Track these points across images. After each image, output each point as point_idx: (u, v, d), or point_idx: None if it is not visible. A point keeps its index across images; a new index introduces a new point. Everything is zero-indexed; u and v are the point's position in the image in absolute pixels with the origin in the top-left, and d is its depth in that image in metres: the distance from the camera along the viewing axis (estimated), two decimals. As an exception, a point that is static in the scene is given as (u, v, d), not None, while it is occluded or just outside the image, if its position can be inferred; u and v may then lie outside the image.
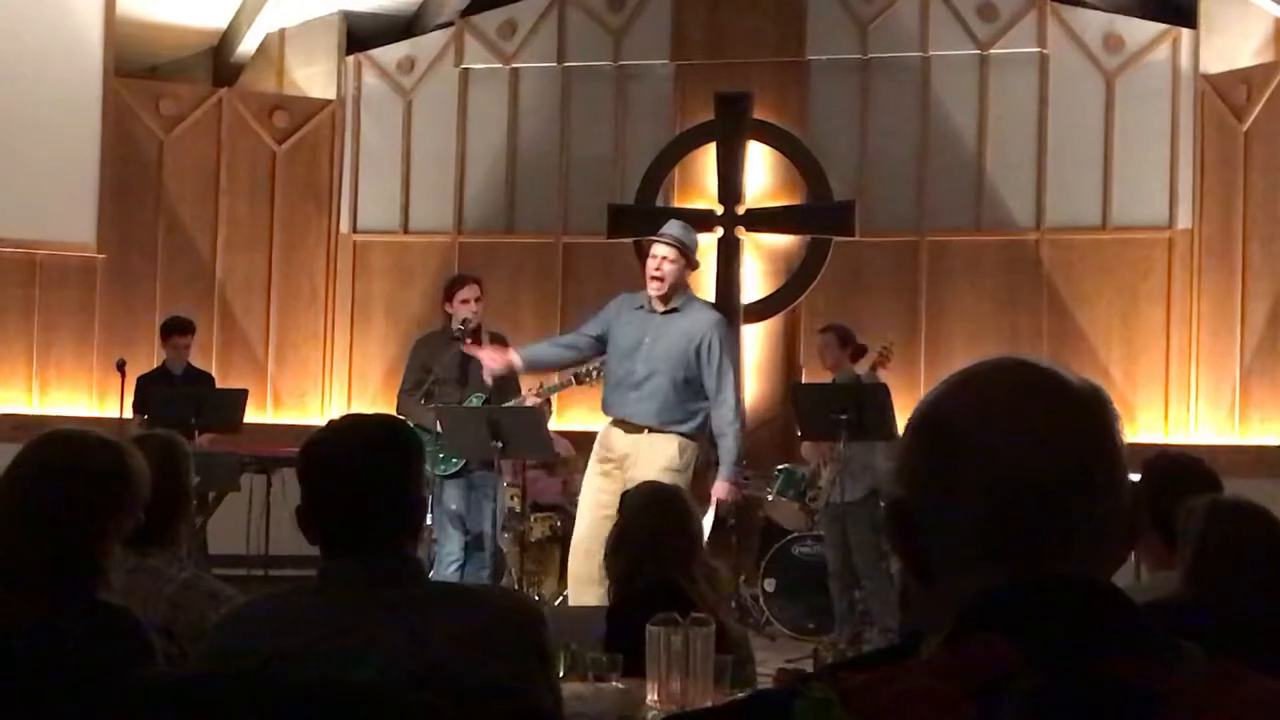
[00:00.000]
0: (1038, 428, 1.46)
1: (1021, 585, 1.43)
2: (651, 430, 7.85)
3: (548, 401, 9.48)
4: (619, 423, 7.98)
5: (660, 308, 7.94)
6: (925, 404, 1.54)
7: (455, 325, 9.33)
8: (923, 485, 1.50)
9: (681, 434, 7.87)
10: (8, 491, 3.14)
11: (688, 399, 7.88)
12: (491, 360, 8.50)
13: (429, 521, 7.62)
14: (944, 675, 1.39)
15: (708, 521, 8.04)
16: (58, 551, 3.06)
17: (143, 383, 10.94)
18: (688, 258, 7.97)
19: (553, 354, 8.50)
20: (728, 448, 7.91)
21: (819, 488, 10.10)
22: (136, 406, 10.76)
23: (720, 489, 7.98)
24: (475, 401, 9.31)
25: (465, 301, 9.35)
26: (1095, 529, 1.47)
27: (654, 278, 7.93)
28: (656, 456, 7.80)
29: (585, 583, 7.64)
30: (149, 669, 2.99)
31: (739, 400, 7.99)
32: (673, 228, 8.09)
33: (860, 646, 8.96)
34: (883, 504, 9.55)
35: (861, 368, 10.06)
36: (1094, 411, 1.49)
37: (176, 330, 11.17)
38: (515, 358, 8.44)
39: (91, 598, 3.07)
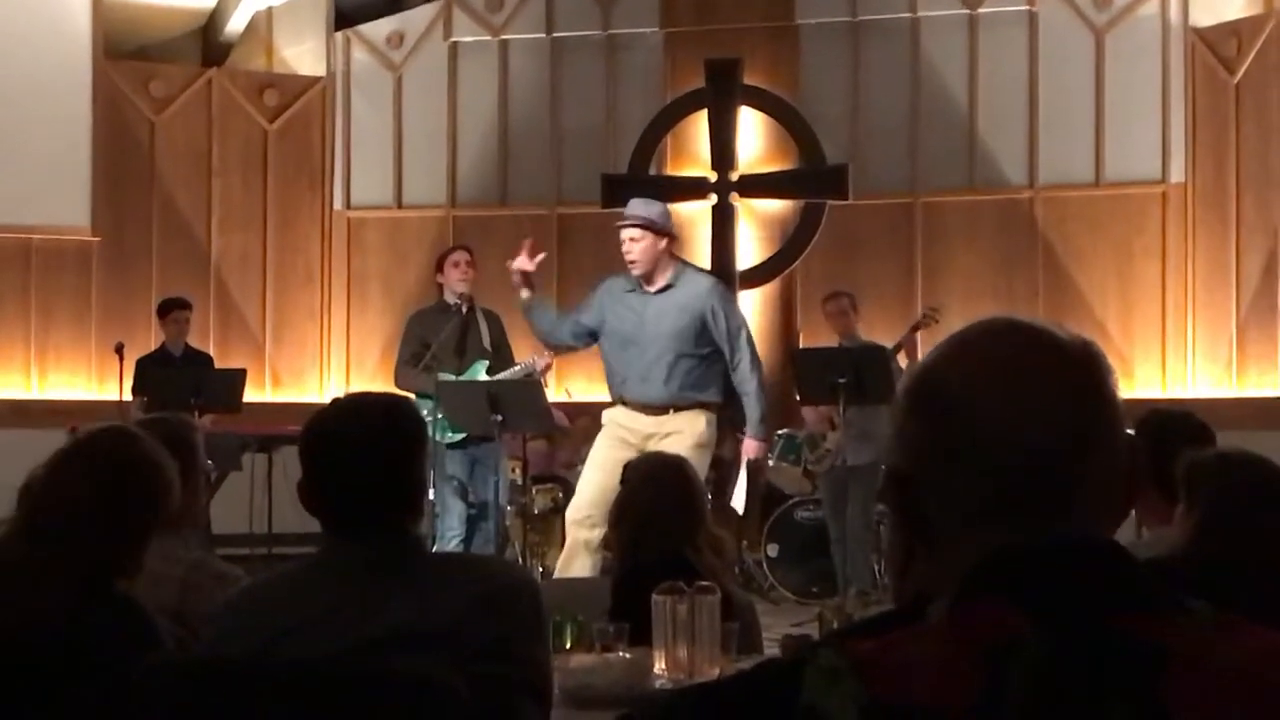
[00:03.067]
0: (1032, 389, 1.46)
1: (1025, 547, 1.43)
2: (676, 409, 7.80)
3: (543, 373, 9.50)
4: (639, 407, 7.88)
5: (652, 287, 7.89)
6: (918, 370, 1.54)
7: (449, 297, 9.37)
8: (920, 453, 1.50)
9: (704, 407, 7.85)
10: (52, 486, 3.13)
11: (701, 370, 7.86)
12: (522, 264, 8.34)
13: (430, 496, 7.65)
14: (952, 640, 1.39)
15: (742, 482, 8.12)
16: (99, 551, 3.06)
17: (142, 365, 10.96)
18: (656, 231, 7.86)
19: (553, 327, 8.44)
20: (751, 406, 7.91)
21: (825, 451, 10.11)
22: (136, 388, 10.77)
23: (750, 448, 8.03)
24: (479, 369, 9.36)
25: (456, 265, 9.37)
26: (1095, 487, 1.47)
27: (630, 262, 7.88)
28: (685, 435, 7.72)
29: (582, 549, 7.63)
30: (155, 653, 3.00)
31: (755, 359, 7.95)
32: (634, 206, 8.01)
33: (867, 611, 8.96)
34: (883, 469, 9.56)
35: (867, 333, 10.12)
36: (1088, 369, 1.49)
37: (177, 305, 11.20)
38: (525, 292, 8.30)
39: (107, 589, 3.08)
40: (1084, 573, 1.43)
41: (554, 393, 10.44)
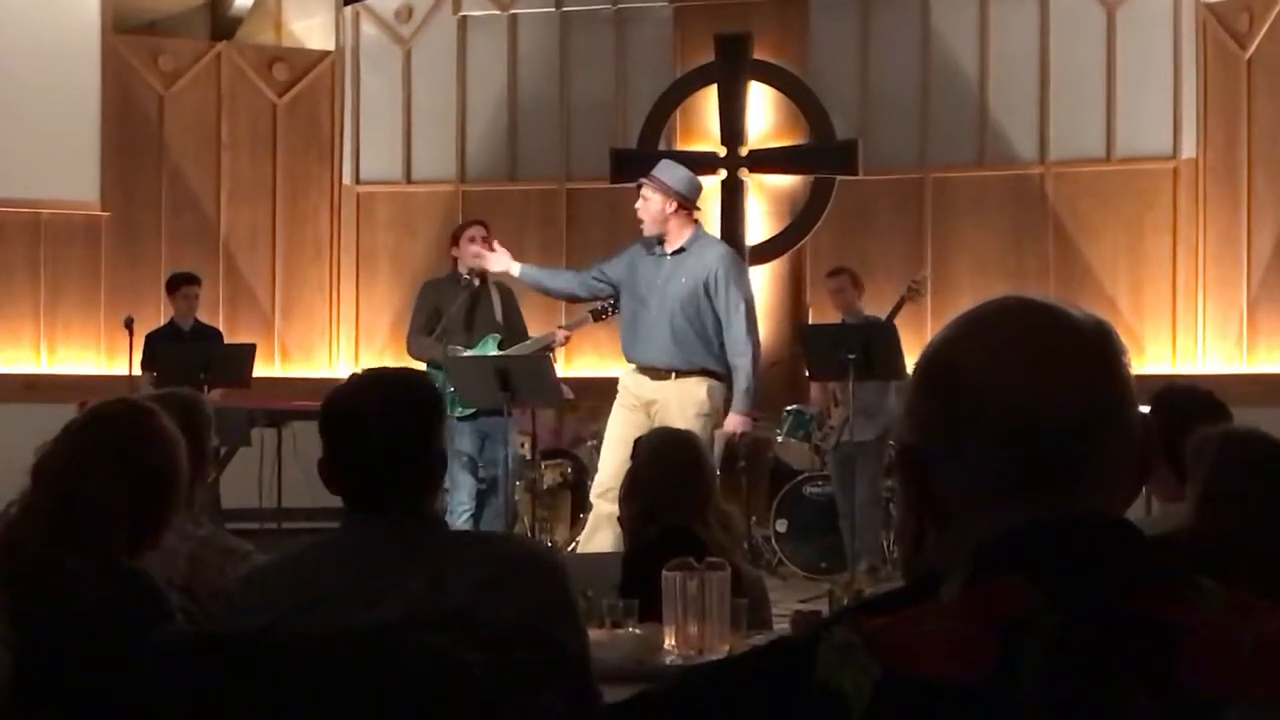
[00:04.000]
0: (1045, 367, 1.46)
1: (1039, 525, 1.43)
2: (679, 374, 7.87)
3: (560, 345, 9.55)
4: (644, 369, 7.99)
5: (668, 250, 7.97)
6: (931, 348, 1.53)
7: (463, 269, 9.39)
8: (933, 430, 1.50)
9: (709, 374, 7.89)
10: (63, 462, 3.13)
11: (706, 338, 7.91)
12: (495, 260, 8.52)
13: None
14: (966, 617, 1.39)
15: (717, 455, 8.10)
16: (116, 526, 3.06)
17: (151, 339, 10.97)
18: (667, 193, 7.93)
19: (554, 282, 8.53)
20: (738, 379, 7.92)
21: (829, 428, 10.11)
22: (146, 363, 10.78)
23: (732, 421, 8.00)
24: (490, 344, 9.37)
25: (472, 240, 9.39)
26: (1108, 465, 1.47)
27: (639, 220, 8.00)
28: (686, 402, 7.82)
29: (604, 523, 7.66)
30: (166, 628, 3.01)
31: (751, 331, 7.97)
32: (658, 168, 8.16)
33: (877, 585, 8.98)
34: (892, 445, 9.59)
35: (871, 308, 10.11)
36: (1101, 348, 1.49)
37: (186, 280, 11.23)
38: (514, 265, 8.51)
39: (118, 562, 3.08)
40: (1098, 551, 1.42)
41: (563, 368, 10.44)
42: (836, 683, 1.37)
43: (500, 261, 8.62)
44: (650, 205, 7.97)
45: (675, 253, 7.98)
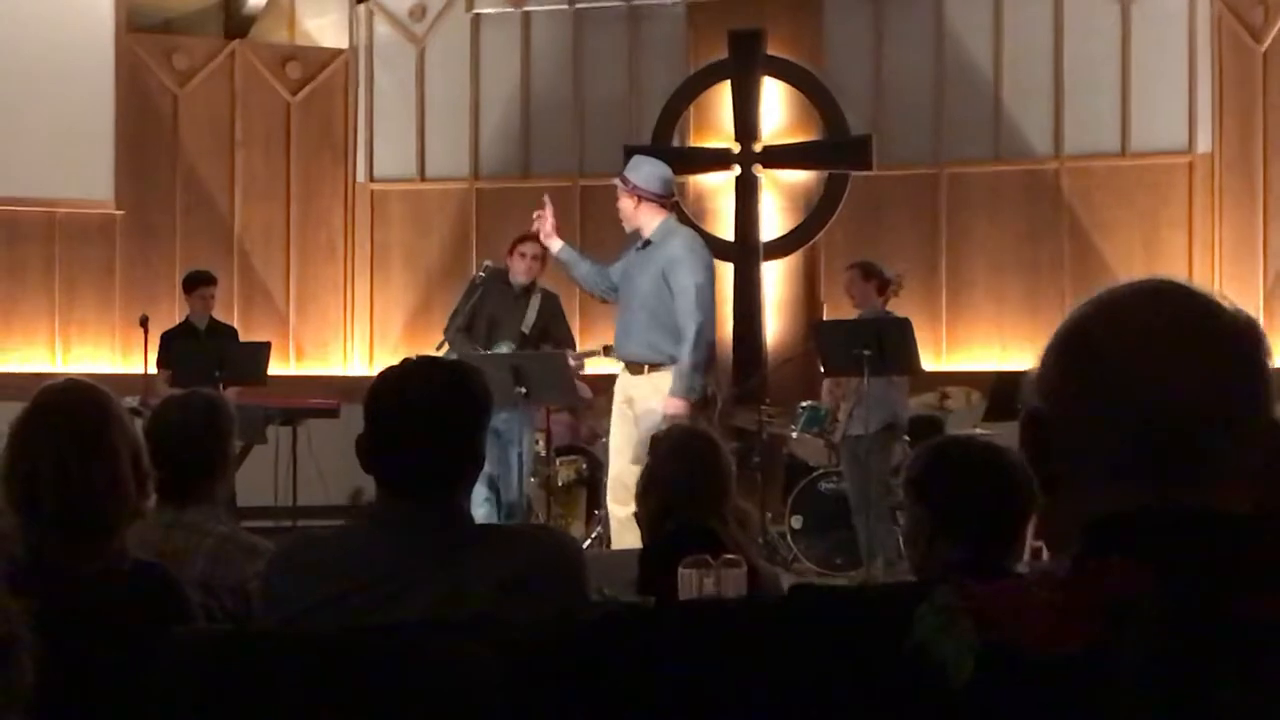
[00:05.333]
0: (1186, 353, 1.45)
1: (1158, 510, 1.42)
2: (651, 367, 7.97)
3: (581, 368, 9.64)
4: (626, 365, 8.18)
5: (641, 244, 8.14)
6: (1074, 319, 1.53)
7: (513, 277, 9.53)
8: (1063, 400, 1.49)
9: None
10: (17, 449, 3.12)
11: (673, 327, 7.96)
12: (547, 235, 8.60)
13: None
14: (1073, 592, 1.39)
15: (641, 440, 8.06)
16: (73, 506, 3.04)
17: (167, 338, 10.99)
18: (632, 190, 8.14)
19: (578, 269, 8.62)
20: (680, 364, 7.91)
21: (833, 422, 10.10)
22: (161, 361, 10.80)
23: (667, 404, 7.97)
24: (504, 349, 9.43)
25: (522, 257, 9.72)
26: (1235, 458, 1.45)
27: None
28: (656, 391, 7.90)
29: (627, 525, 7.70)
30: (186, 625, 3.01)
31: (698, 317, 7.96)
32: (627, 166, 8.37)
33: (894, 579, 8.96)
34: (906, 440, 9.57)
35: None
36: (1244, 341, 1.49)
37: (203, 281, 11.26)
38: (555, 243, 8.62)
39: (123, 553, 3.07)
40: (1216, 544, 1.41)
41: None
42: (936, 648, 1.37)
43: (551, 238, 8.65)
44: (622, 204, 8.20)
45: (645, 245, 8.14)
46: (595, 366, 11.47)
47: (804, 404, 10.73)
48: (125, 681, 2.80)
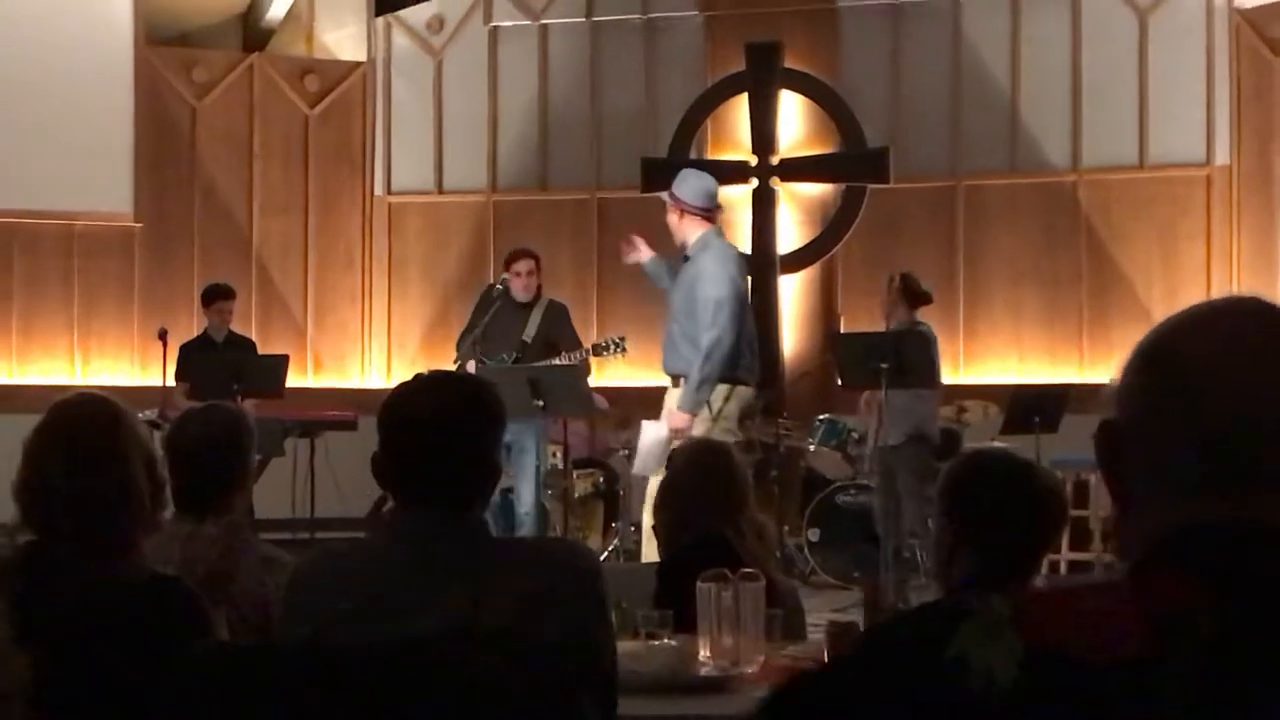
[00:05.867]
0: (1268, 367, 1.45)
1: (1221, 524, 1.41)
2: (686, 379, 7.95)
3: (588, 369, 9.65)
4: (670, 377, 8.19)
5: (683, 256, 8.18)
6: (1157, 333, 1.52)
7: (515, 296, 9.62)
8: (1142, 411, 1.49)
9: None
10: (31, 465, 3.12)
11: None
12: (640, 251, 8.63)
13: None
14: (1124, 600, 1.38)
15: (642, 450, 8.07)
16: (87, 520, 3.04)
17: (185, 350, 11.02)
18: (675, 203, 8.17)
19: (662, 282, 8.63)
20: (690, 378, 7.93)
21: (854, 437, 10.09)
22: (179, 374, 10.83)
23: (671, 418, 7.99)
24: (504, 358, 9.50)
25: (518, 275, 9.80)
26: None
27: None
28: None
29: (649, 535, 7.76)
30: (205, 638, 3.01)
31: (709, 329, 7.94)
32: (674, 183, 8.31)
33: (906, 594, 8.95)
34: (926, 454, 9.54)
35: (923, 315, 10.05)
36: None
37: (221, 295, 11.28)
38: (646, 256, 8.61)
39: (138, 567, 3.07)
40: (1273, 560, 1.40)
41: (593, 378, 10.46)
42: (980, 659, 1.36)
43: (644, 253, 8.66)
44: (669, 217, 8.23)
45: (685, 259, 8.17)
46: (614, 379, 11.49)
47: (821, 417, 10.73)
48: (145, 696, 2.81)
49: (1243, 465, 1.43)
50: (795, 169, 12.45)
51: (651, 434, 8.10)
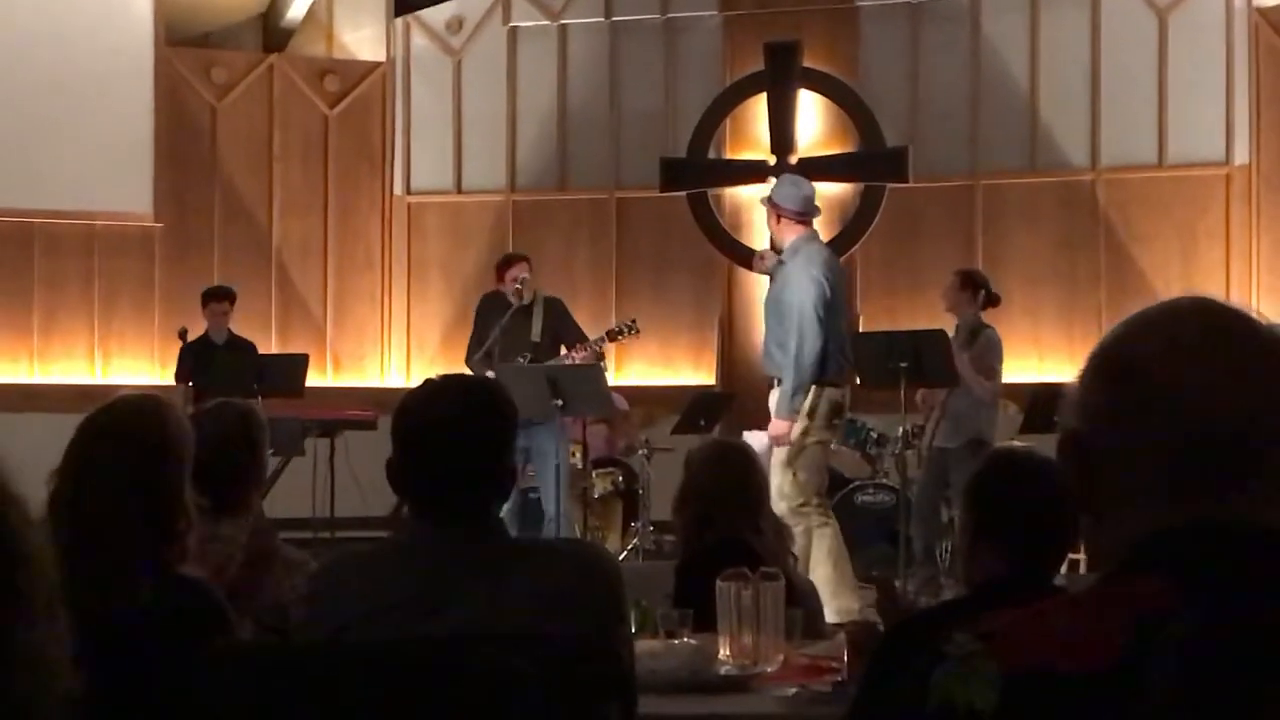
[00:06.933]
0: (1224, 369, 1.44)
1: (1189, 528, 1.41)
2: (778, 382, 8.07)
3: (602, 356, 9.65)
4: (769, 380, 8.30)
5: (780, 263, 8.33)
6: (1110, 339, 1.52)
7: (509, 299, 9.62)
8: (1102, 420, 1.48)
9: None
10: (72, 466, 3.11)
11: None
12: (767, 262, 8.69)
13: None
14: (1097, 610, 1.38)
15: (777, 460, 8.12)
16: (126, 520, 3.04)
17: (185, 352, 11.01)
18: (770, 206, 8.33)
19: None
20: (783, 386, 8.00)
21: (920, 429, 9.99)
22: (180, 375, 10.84)
23: (771, 426, 8.06)
24: (521, 363, 9.52)
25: (514, 280, 9.76)
26: (1275, 474, 1.44)
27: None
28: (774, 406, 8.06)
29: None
30: (226, 638, 3.02)
31: (800, 339, 8.01)
32: (773, 188, 8.55)
33: (937, 591, 8.93)
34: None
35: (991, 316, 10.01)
36: None
37: (215, 297, 11.26)
38: (771, 261, 8.68)
39: (168, 567, 3.07)
40: (1247, 558, 1.40)
41: (612, 377, 10.47)
42: (962, 699, 1.36)
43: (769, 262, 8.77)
44: (768, 222, 8.44)
45: (780, 263, 8.29)
46: (633, 377, 11.51)
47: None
48: (166, 696, 2.81)
49: (1208, 467, 1.43)
50: (814, 168, 12.41)
51: (754, 444, 8.16)
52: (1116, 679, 1.34)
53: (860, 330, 11.78)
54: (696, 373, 12.58)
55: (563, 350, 9.66)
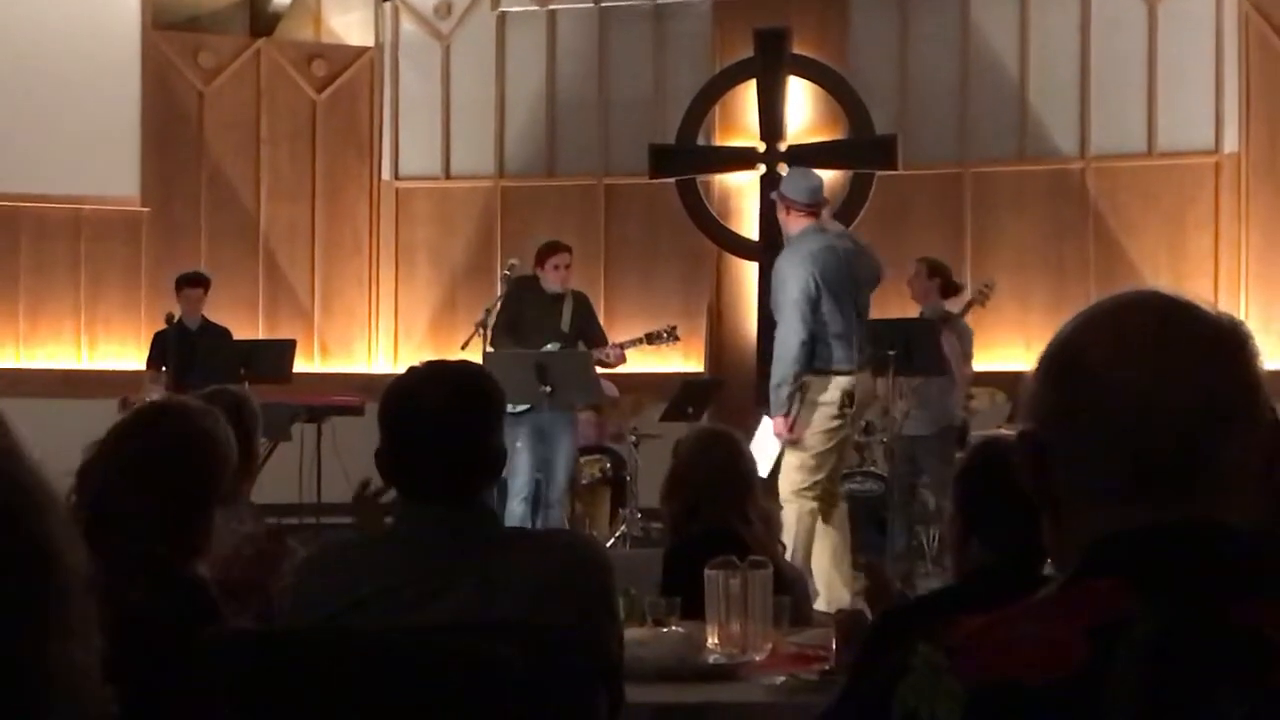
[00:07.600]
0: (1173, 362, 1.43)
1: (1144, 529, 1.40)
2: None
3: (601, 362, 9.68)
4: None
5: None
6: (1059, 337, 1.51)
7: (545, 289, 9.68)
8: (1054, 420, 1.47)
9: (813, 371, 8.09)
10: (110, 464, 3.11)
11: None
12: None
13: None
14: (1058, 617, 1.37)
15: (762, 453, 8.12)
16: (130, 518, 3.04)
17: (159, 338, 10.97)
18: (784, 200, 8.36)
19: None
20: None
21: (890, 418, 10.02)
22: (152, 360, 10.82)
23: (773, 424, 8.07)
24: (551, 349, 9.53)
25: (556, 269, 9.76)
26: (1228, 467, 1.43)
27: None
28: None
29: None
30: (214, 626, 3.00)
31: (782, 332, 8.05)
32: (782, 181, 8.65)
33: (913, 582, 8.95)
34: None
35: (955, 305, 10.04)
36: (1231, 346, 1.46)
37: (188, 283, 11.21)
38: None
39: (168, 566, 3.06)
40: (1201, 557, 1.39)
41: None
42: (925, 711, 1.36)
43: None
44: (778, 213, 8.47)
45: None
46: (621, 367, 11.49)
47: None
48: (154, 683, 2.80)
49: (1159, 468, 1.42)
50: (803, 155, 12.39)
51: (762, 432, 8.24)
52: (1079, 687, 1.33)
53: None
54: (685, 359, 12.57)
55: (580, 347, 9.67)
